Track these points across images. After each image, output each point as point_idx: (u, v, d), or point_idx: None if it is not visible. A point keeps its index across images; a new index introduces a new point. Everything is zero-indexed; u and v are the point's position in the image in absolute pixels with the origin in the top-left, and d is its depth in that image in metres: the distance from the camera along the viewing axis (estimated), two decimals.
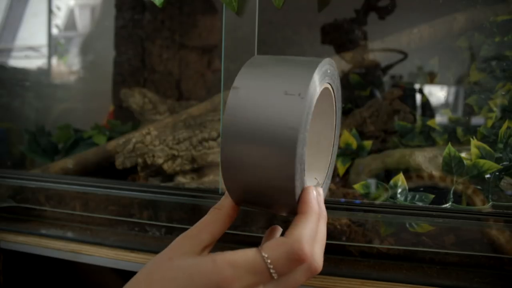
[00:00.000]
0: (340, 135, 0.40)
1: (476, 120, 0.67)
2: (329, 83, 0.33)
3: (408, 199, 0.53)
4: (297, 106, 0.27)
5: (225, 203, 0.32)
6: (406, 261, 0.49)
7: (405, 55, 0.79)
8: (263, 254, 0.27)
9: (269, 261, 0.27)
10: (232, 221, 0.33)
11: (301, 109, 0.26)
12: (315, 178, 0.36)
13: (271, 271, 0.27)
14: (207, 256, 0.29)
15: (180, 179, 0.69)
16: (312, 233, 0.28)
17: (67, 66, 1.10)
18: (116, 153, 0.71)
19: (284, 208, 0.30)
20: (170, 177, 0.70)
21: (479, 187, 0.54)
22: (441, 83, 0.79)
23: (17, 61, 1.09)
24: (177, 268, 0.29)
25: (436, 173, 0.59)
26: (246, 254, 0.27)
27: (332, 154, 0.38)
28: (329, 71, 0.32)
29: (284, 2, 0.47)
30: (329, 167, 0.38)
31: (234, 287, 0.27)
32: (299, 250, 0.27)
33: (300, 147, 0.27)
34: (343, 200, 0.56)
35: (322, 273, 0.47)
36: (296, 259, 0.27)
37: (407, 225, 0.49)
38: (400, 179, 0.54)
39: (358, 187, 0.55)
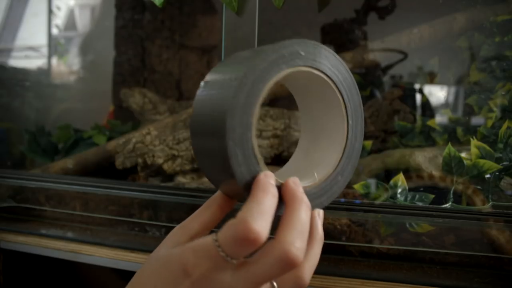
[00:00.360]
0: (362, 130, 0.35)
1: (476, 120, 0.67)
2: (315, 68, 0.31)
3: (408, 199, 0.53)
4: (230, 90, 0.27)
5: (216, 194, 0.33)
6: (406, 261, 0.49)
7: (405, 55, 0.79)
8: (213, 237, 0.27)
9: (217, 243, 0.26)
10: (225, 212, 0.33)
11: (232, 92, 0.27)
12: (314, 173, 0.34)
13: (221, 253, 0.26)
14: (182, 245, 0.29)
15: (180, 179, 0.69)
16: (260, 210, 0.26)
17: (67, 66, 1.10)
18: (116, 153, 0.71)
19: (239, 196, 0.31)
20: (170, 177, 0.70)
21: (479, 187, 0.54)
22: (441, 83, 0.79)
23: (17, 61, 1.09)
24: (157, 258, 0.30)
25: (436, 173, 0.59)
26: (204, 239, 0.27)
27: (346, 149, 0.34)
28: (302, 53, 0.30)
29: (284, 2, 0.47)
30: (342, 162, 0.34)
31: (195, 273, 0.27)
32: (245, 228, 0.25)
33: (234, 131, 0.27)
34: (343, 200, 0.56)
35: (322, 273, 0.47)
36: (243, 238, 0.25)
37: (407, 225, 0.49)
38: (400, 179, 0.54)
39: (358, 187, 0.55)
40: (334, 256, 0.51)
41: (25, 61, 1.07)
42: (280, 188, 0.29)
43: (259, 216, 0.26)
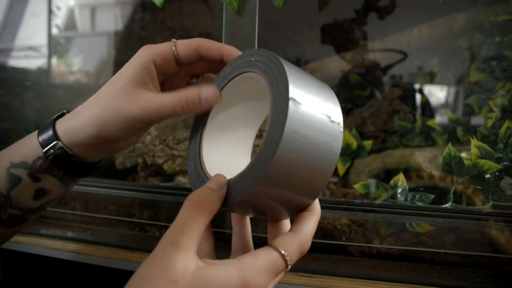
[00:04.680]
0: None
1: (476, 120, 0.67)
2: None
3: (408, 199, 0.53)
4: (340, 135, 0.30)
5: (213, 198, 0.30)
6: (406, 261, 0.49)
7: (405, 55, 0.79)
8: (282, 252, 0.28)
9: (288, 258, 0.28)
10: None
11: (341, 138, 0.30)
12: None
13: (289, 265, 0.28)
14: (227, 265, 0.27)
15: (180, 179, 0.69)
16: (311, 228, 0.31)
17: (67, 66, 1.10)
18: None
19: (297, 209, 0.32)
20: (170, 177, 0.70)
21: (479, 187, 0.54)
22: (441, 83, 0.79)
23: (17, 61, 1.09)
24: (201, 278, 0.26)
25: (436, 173, 0.59)
26: (268, 256, 0.28)
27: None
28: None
29: (284, 2, 0.47)
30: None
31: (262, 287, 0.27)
32: (307, 245, 0.30)
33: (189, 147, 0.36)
34: (343, 200, 0.57)
35: (322, 273, 0.47)
36: (303, 252, 0.30)
37: (407, 225, 0.49)
38: (400, 179, 0.54)
39: (358, 187, 0.55)
40: (334, 256, 0.51)
41: (25, 61, 1.07)
42: None
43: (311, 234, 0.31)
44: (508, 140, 0.55)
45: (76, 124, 0.36)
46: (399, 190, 0.53)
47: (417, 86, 0.80)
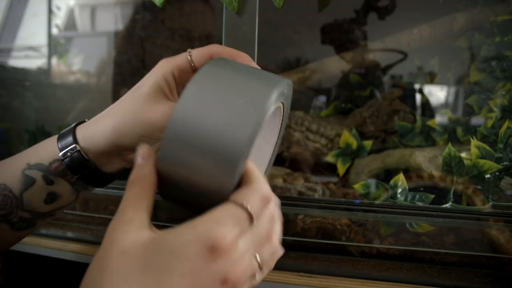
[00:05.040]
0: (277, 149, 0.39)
1: (476, 120, 0.67)
2: (282, 103, 0.34)
3: (408, 199, 0.53)
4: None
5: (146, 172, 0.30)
6: (406, 261, 0.49)
7: (405, 55, 0.79)
8: (241, 202, 0.27)
9: (248, 206, 0.27)
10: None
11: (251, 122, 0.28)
12: None
13: (253, 216, 0.27)
14: (182, 228, 0.26)
15: None
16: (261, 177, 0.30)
17: (67, 66, 1.10)
18: None
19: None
20: None
21: (479, 187, 0.54)
22: (441, 83, 0.79)
23: (17, 61, 1.09)
24: (143, 248, 0.25)
25: (436, 173, 0.59)
26: (226, 208, 0.27)
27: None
28: (285, 91, 0.33)
29: (284, 2, 0.47)
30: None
31: (222, 245, 0.25)
32: (267, 191, 0.28)
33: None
34: (343, 200, 0.57)
35: (322, 273, 0.47)
36: (267, 199, 0.28)
37: (407, 225, 0.49)
38: (400, 179, 0.54)
39: (358, 187, 0.55)
40: (334, 256, 0.51)
41: (25, 61, 1.07)
42: None
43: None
44: (508, 140, 0.55)
45: (95, 131, 0.37)
46: (399, 190, 0.53)
47: (417, 86, 0.80)
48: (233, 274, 0.25)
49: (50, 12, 1.09)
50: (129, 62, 0.99)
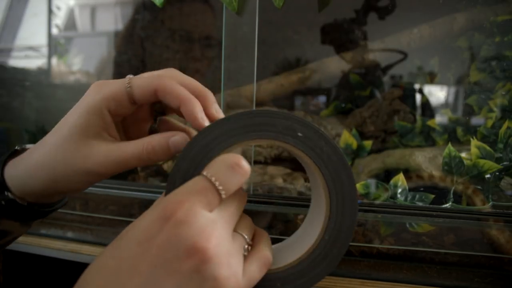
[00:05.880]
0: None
1: (476, 120, 0.67)
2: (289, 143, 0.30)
3: (408, 199, 0.53)
4: None
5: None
6: (406, 261, 0.49)
7: (405, 55, 0.79)
8: (204, 173, 0.27)
9: (209, 174, 0.27)
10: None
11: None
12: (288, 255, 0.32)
13: (216, 185, 0.26)
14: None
15: None
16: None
17: (67, 66, 1.10)
18: None
19: None
20: None
21: (479, 187, 0.54)
22: (441, 83, 0.79)
23: (17, 61, 1.09)
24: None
25: (436, 173, 0.59)
26: (189, 182, 0.27)
27: (327, 229, 0.31)
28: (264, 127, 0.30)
29: (284, 2, 0.47)
30: (322, 243, 0.31)
31: (184, 207, 0.25)
32: (236, 158, 0.27)
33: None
34: None
35: None
36: (234, 167, 0.27)
37: (407, 225, 0.49)
38: (400, 179, 0.54)
39: (358, 187, 0.55)
40: None
41: (25, 61, 1.07)
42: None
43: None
44: (508, 140, 0.55)
45: (23, 174, 0.32)
46: (399, 190, 0.53)
47: (417, 86, 0.80)
48: (201, 244, 0.24)
49: (50, 12, 1.09)
50: (129, 62, 0.98)
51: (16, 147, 0.35)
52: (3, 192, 0.32)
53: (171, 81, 0.31)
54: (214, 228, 0.25)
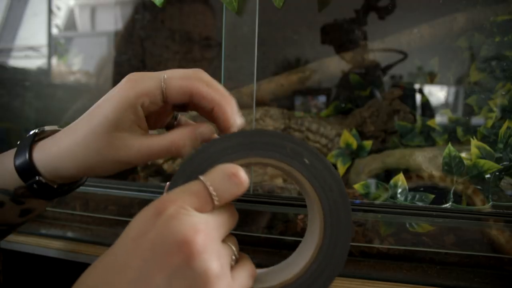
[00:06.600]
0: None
1: (476, 120, 0.67)
2: (282, 161, 0.30)
3: (408, 199, 0.53)
4: None
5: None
6: (406, 261, 0.49)
7: (405, 55, 0.79)
8: (201, 178, 0.28)
9: (203, 178, 0.27)
10: None
11: None
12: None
13: (210, 189, 0.27)
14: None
15: None
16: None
17: (67, 66, 1.10)
18: None
19: None
20: (170, 177, 0.70)
21: (479, 187, 0.54)
22: (441, 83, 0.79)
23: (17, 61, 1.09)
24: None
25: (436, 173, 0.59)
26: (186, 184, 0.28)
27: (321, 250, 0.31)
28: (267, 145, 0.30)
29: (284, 2, 0.47)
30: (315, 263, 0.31)
31: (177, 204, 0.26)
32: (231, 167, 0.28)
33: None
34: None
35: None
36: (233, 173, 0.27)
37: (407, 225, 0.49)
38: (400, 179, 0.54)
39: (358, 187, 0.55)
40: None
41: (25, 61, 1.07)
42: None
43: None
44: (508, 140, 0.55)
45: (55, 159, 0.33)
46: (399, 190, 0.53)
47: (417, 86, 0.80)
48: (190, 237, 0.24)
49: (50, 12, 1.09)
50: (129, 62, 0.99)
51: (35, 130, 0.36)
52: (35, 176, 0.33)
53: (204, 85, 0.32)
54: (205, 227, 0.25)
